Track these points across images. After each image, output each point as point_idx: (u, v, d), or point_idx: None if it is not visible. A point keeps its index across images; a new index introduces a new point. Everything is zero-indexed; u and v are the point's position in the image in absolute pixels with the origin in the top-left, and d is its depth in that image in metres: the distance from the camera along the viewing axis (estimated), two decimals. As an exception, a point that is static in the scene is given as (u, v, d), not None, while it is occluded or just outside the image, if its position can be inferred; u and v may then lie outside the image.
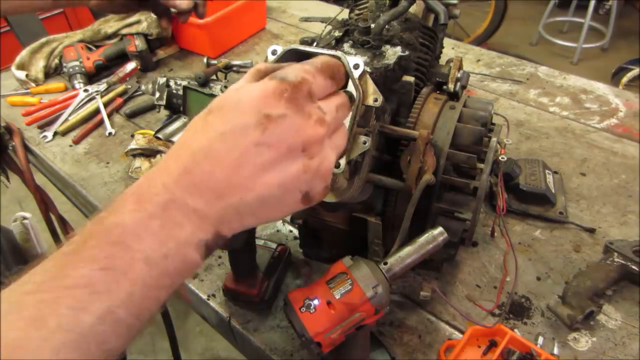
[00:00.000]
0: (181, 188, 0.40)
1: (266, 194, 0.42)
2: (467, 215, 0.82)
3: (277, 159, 0.41)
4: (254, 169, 0.41)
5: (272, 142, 0.41)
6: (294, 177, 0.43)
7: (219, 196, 0.41)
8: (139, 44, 1.71)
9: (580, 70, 3.78)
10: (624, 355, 0.88)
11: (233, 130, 0.41)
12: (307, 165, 0.43)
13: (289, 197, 0.44)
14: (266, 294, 0.96)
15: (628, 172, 1.24)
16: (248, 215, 0.43)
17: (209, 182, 0.40)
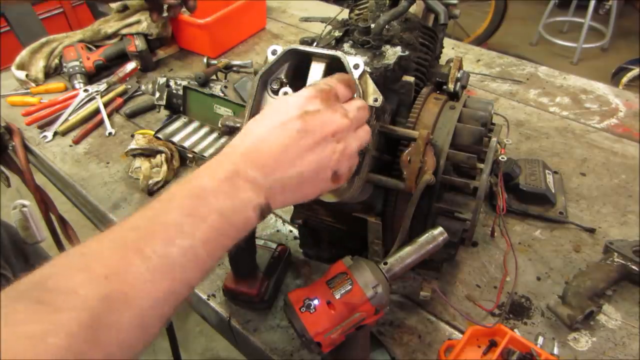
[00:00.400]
0: (244, 163, 0.52)
1: (305, 171, 0.54)
2: (467, 215, 0.82)
3: (314, 143, 0.54)
4: (297, 151, 0.54)
5: (310, 130, 0.54)
6: (327, 157, 0.55)
7: (270, 171, 0.53)
8: (139, 44, 1.71)
9: (580, 70, 3.78)
10: (624, 355, 0.88)
11: (282, 122, 0.55)
12: (335, 148, 0.56)
13: (322, 174, 0.56)
14: (266, 294, 0.96)
15: (628, 172, 1.24)
16: (290, 189, 0.54)
17: (264, 160, 0.53)
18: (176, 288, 0.46)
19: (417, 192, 0.74)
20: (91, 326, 0.39)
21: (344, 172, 0.58)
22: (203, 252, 0.47)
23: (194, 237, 0.47)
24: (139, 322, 0.42)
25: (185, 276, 0.46)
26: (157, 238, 0.46)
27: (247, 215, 0.51)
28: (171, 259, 0.45)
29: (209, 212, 0.49)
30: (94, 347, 0.38)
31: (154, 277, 0.44)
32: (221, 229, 0.49)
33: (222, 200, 0.50)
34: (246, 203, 0.51)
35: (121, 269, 0.43)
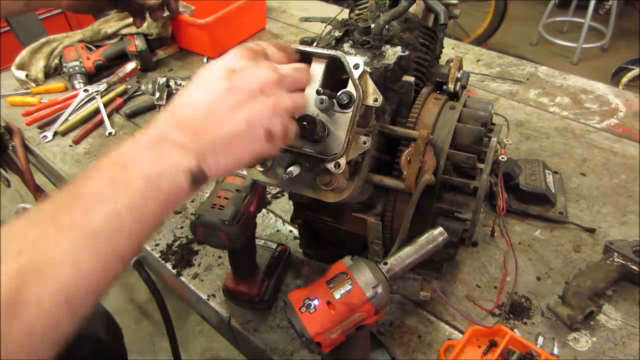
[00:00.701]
0: (169, 128, 0.51)
1: (235, 130, 0.52)
2: (467, 215, 0.82)
3: (242, 100, 0.53)
4: (224, 109, 0.52)
5: (237, 87, 0.53)
6: (256, 114, 0.53)
7: (198, 133, 0.51)
8: (139, 44, 1.71)
9: (580, 70, 3.78)
10: (624, 355, 0.88)
11: (208, 82, 0.54)
12: (265, 103, 0.54)
13: (254, 132, 0.53)
14: (266, 294, 0.96)
15: (628, 172, 1.24)
16: (222, 150, 0.52)
17: (190, 122, 0.51)
18: (103, 258, 0.44)
19: (417, 192, 0.74)
20: (8, 302, 0.37)
21: (278, 131, 0.55)
22: (130, 220, 0.45)
23: (117, 203, 0.45)
24: (64, 296, 0.40)
25: (112, 246, 0.44)
26: (75, 207, 0.44)
27: (177, 180, 0.49)
28: (93, 228, 0.43)
29: (132, 177, 0.46)
30: (13, 321, 0.37)
31: (74, 247, 0.42)
32: (147, 194, 0.47)
33: (147, 166, 0.48)
34: (174, 167, 0.49)
35: (37, 242, 0.41)
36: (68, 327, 0.42)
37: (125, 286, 2.34)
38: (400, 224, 0.78)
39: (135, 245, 0.47)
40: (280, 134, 0.56)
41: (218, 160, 0.52)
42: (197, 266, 1.09)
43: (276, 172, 0.71)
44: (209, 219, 0.81)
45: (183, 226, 1.19)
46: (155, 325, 2.16)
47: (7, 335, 0.37)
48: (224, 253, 1.10)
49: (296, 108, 0.59)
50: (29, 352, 0.39)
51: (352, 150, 0.66)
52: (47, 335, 0.40)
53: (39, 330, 0.39)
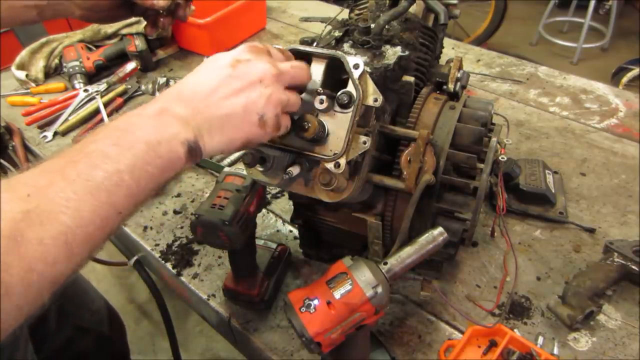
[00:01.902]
0: (172, 102, 0.56)
1: (232, 112, 0.57)
2: (467, 215, 0.82)
3: (241, 87, 0.58)
4: (225, 93, 0.57)
5: (239, 75, 0.58)
6: (253, 101, 0.58)
7: (198, 110, 0.56)
8: (139, 44, 1.71)
9: (580, 70, 3.78)
10: (624, 355, 0.88)
11: (213, 68, 0.59)
12: (262, 92, 0.59)
13: (249, 117, 0.58)
14: (266, 294, 0.96)
15: (628, 172, 1.24)
16: (217, 129, 0.57)
17: (192, 100, 0.56)
18: (102, 211, 0.47)
19: (417, 192, 0.74)
20: (12, 237, 0.40)
21: (270, 118, 0.60)
22: (129, 179, 0.49)
23: (119, 162, 0.49)
24: (64, 240, 0.44)
25: (111, 200, 0.48)
26: (82, 163, 0.47)
27: (175, 149, 0.53)
28: (95, 182, 0.47)
29: (134, 142, 0.50)
30: (14, 256, 0.40)
31: (78, 196, 0.45)
32: (147, 158, 0.50)
33: (149, 133, 0.52)
34: (173, 136, 0.53)
35: (44, 188, 0.45)
36: (65, 271, 0.45)
37: (125, 286, 2.34)
38: (400, 224, 0.78)
39: (132, 205, 0.50)
40: (271, 123, 0.60)
41: (213, 137, 0.57)
42: (197, 266, 1.09)
43: (276, 172, 0.71)
44: (209, 219, 0.81)
45: (183, 226, 1.19)
46: (155, 325, 2.16)
47: (8, 268, 0.40)
48: (224, 253, 1.10)
49: (290, 104, 0.62)
50: (28, 287, 0.41)
51: (352, 150, 0.66)
52: (45, 273, 0.42)
53: (38, 267, 0.42)
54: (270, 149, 0.70)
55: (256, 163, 0.69)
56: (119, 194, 0.48)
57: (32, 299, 0.42)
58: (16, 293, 0.40)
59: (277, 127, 0.62)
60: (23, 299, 0.41)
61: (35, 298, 0.43)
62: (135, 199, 0.50)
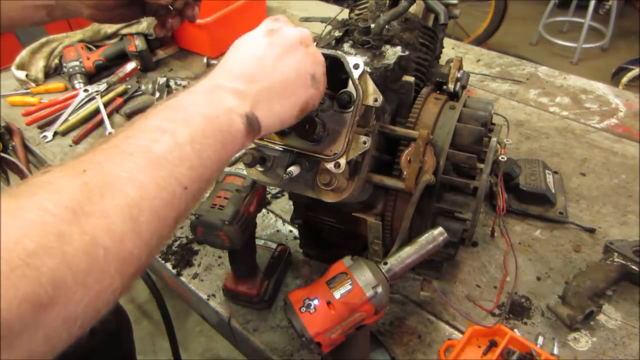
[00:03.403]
0: (222, 78, 0.54)
1: (286, 76, 0.56)
2: (467, 215, 0.82)
3: (285, 51, 0.57)
4: (272, 60, 0.56)
5: (278, 42, 0.57)
6: (301, 60, 0.58)
7: (252, 81, 0.55)
8: (139, 44, 1.71)
9: (580, 70, 3.78)
10: (624, 355, 0.88)
11: (252, 42, 0.59)
12: (306, 51, 0.59)
13: (303, 78, 0.58)
14: (266, 294, 0.96)
15: (628, 172, 1.24)
16: (276, 97, 0.56)
17: (243, 73, 0.55)
18: (167, 184, 0.44)
19: (417, 192, 0.74)
20: (70, 208, 0.37)
21: (320, 76, 0.60)
22: (190, 151, 0.46)
23: (178, 136, 0.46)
24: (128, 213, 0.40)
25: (175, 173, 0.45)
26: (138, 137, 0.45)
27: (233, 121, 0.51)
28: (156, 154, 0.44)
29: (191, 117, 0.49)
30: (74, 228, 0.37)
31: (139, 169, 0.43)
32: (207, 131, 0.49)
33: (204, 108, 0.50)
34: (230, 109, 0.51)
35: (101, 163, 0.42)
36: (136, 251, 0.41)
37: (125, 286, 2.34)
38: (400, 224, 0.78)
39: (197, 181, 0.47)
40: (322, 80, 0.61)
41: (271, 107, 0.56)
42: (197, 266, 1.09)
43: (276, 172, 0.71)
44: (209, 219, 0.81)
45: (183, 226, 1.19)
46: (155, 325, 2.16)
47: (70, 239, 0.36)
48: (224, 253, 1.10)
49: (323, 62, 0.62)
50: (93, 261, 0.37)
51: (352, 150, 0.66)
52: (111, 250, 0.39)
53: (102, 242, 0.38)
54: (270, 149, 0.70)
55: (256, 163, 0.69)
56: (182, 168, 0.45)
57: (100, 279, 0.38)
58: (80, 268, 0.36)
59: (325, 83, 0.62)
60: (89, 276, 0.37)
61: (104, 279, 0.38)
62: (200, 174, 0.47)
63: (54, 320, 0.35)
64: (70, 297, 0.35)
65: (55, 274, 0.34)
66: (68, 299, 0.35)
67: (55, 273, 0.34)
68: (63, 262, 0.35)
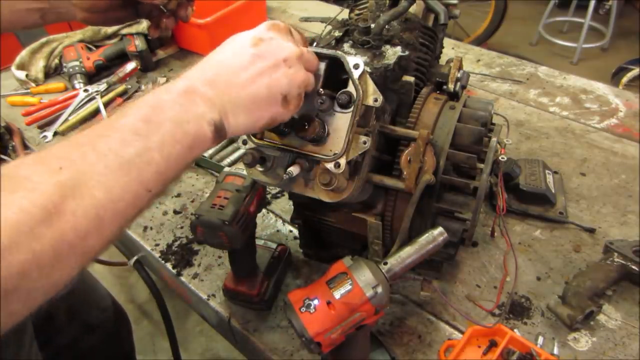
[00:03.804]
0: (199, 82, 0.56)
1: (256, 93, 0.57)
2: (467, 215, 0.82)
3: (267, 67, 0.58)
4: (250, 73, 0.57)
5: (263, 55, 0.58)
6: (278, 80, 0.58)
7: (224, 91, 0.56)
8: (139, 44, 1.71)
9: (580, 70, 3.78)
10: (624, 355, 0.88)
11: (236, 47, 0.59)
12: (286, 72, 0.59)
13: (273, 97, 0.59)
14: (266, 294, 0.96)
15: (628, 172, 1.24)
16: (243, 109, 0.57)
17: (217, 80, 0.56)
18: (132, 188, 0.47)
19: (417, 192, 0.74)
20: (45, 208, 0.41)
21: (293, 97, 0.61)
22: (159, 157, 0.49)
23: (149, 140, 0.49)
24: (94, 214, 0.44)
25: (141, 177, 0.48)
26: (112, 138, 0.48)
27: (202, 128, 0.53)
28: (126, 158, 0.47)
29: (163, 120, 0.51)
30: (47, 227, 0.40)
31: (109, 171, 0.46)
32: (176, 136, 0.51)
33: (177, 112, 0.52)
34: (200, 116, 0.53)
35: (76, 161, 0.45)
36: (95, 245, 0.45)
37: (125, 286, 2.34)
38: (400, 224, 0.78)
39: (161, 183, 0.51)
40: (295, 102, 0.61)
41: (238, 117, 0.57)
42: (197, 266, 1.09)
43: (276, 172, 0.71)
44: (209, 219, 0.81)
45: (183, 226, 1.19)
46: (155, 325, 2.16)
47: (41, 237, 0.40)
48: (224, 253, 1.10)
49: (308, 84, 0.63)
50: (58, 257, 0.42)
51: (352, 150, 0.66)
52: (75, 246, 0.43)
53: (69, 239, 0.42)
54: (270, 149, 0.70)
55: (256, 163, 0.69)
56: (149, 171, 0.49)
57: (61, 270, 0.43)
58: (47, 264, 0.40)
59: (299, 105, 0.62)
60: (53, 269, 0.41)
61: (64, 270, 0.43)
62: (165, 177, 0.51)
63: (15, 303, 0.40)
64: (32, 286, 0.40)
65: (23, 267, 0.39)
66: (31, 288, 0.40)
67: (23, 266, 0.39)
68: (32, 258, 0.39)
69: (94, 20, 0.93)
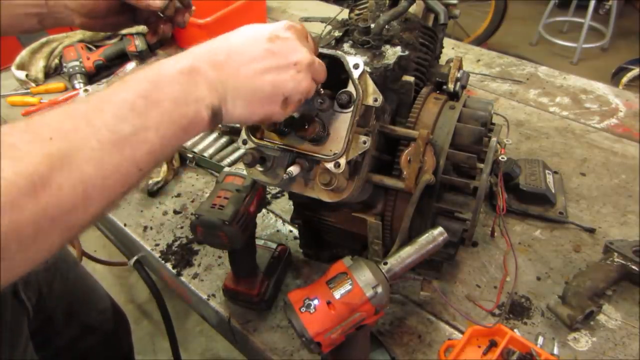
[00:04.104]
0: (204, 63, 0.54)
1: (260, 88, 0.56)
2: (467, 215, 0.82)
3: (277, 65, 0.57)
4: (259, 68, 0.56)
5: (276, 52, 0.57)
6: (283, 82, 0.58)
7: (228, 78, 0.55)
8: (139, 44, 1.71)
9: (580, 70, 3.78)
10: (624, 355, 0.88)
11: (253, 37, 0.58)
12: (294, 76, 0.58)
13: (275, 96, 0.58)
14: (266, 294, 0.96)
15: (628, 172, 1.24)
16: (242, 101, 0.56)
17: (225, 65, 0.55)
18: (123, 165, 0.46)
19: (417, 192, 0.74)
20: (30, 179, 0.39)
21: (293, 101, 0.60)
22: (154, 136, 0.48)
23: (146, 118, 0.48)
24: (82, 189, 0.43)
25: (134, 156, 0.47)
26: (108, 112, 0.46)
27: (200, 111, 0.52)
28: (121, 135, 0.46)
29: (163, 98, 0.50)
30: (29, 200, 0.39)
31: (102, 146, 0.44)
32: (173, 116, 0.50)
33: (177, 91, 0.51)
34: (200, 99, 0.52)
35: (69, 133, 0.43)
36: (80, 221, 0.44)
37: (125, 286, 2.34)
38: (400, 224, 0.78)
39: (152, 162, 0.50)
40: (294, 105, 0.61)
41: (236, 106, 0.56)
42: (197, 266, 1.09)
43: (276, 172, 0.71)
44: (209, 219, 0.81)
45: (183, 226, 1.19)
46: (155, 325, 2.16)
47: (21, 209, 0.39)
48: (224, 253, 1.10)
49: (310, 92, 0.63)
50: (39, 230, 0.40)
51: (352, 150, 0.66)
52: (59, 221, 0.42)
53: (51, 213, 0.41)
54: (270, 149, 0.70)
55: (256, 163, 0.69)
56: (142, 150, 0.47)
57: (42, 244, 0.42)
58: (26, 235, 0.39)
59: (295, 110, 0.62)
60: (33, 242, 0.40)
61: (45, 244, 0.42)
62: (157, 156, 0.50)
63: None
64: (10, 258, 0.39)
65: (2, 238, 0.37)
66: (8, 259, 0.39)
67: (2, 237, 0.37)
68: (12, 230, 0.38)
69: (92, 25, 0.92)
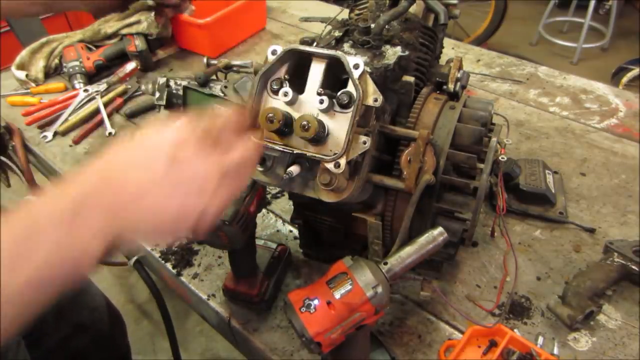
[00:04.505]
0: (94, 200, 0.48)
1: (162, 219, 0.51)
2: (467, 215, 0.82)
3: (178, 192, 0.51)
4: (158, 197, 0.50)
5: (176, 177, 0.51)
6: (192, 204, 0.52)
7: (123, 215, 0.49)
8: (139, 44, 1.71)
9: (580, 70, 3.78)
10: (624, 355, 0.88)
11: (149, 159, 0.51)
12: (205, 194, 0.52)
13: (183, 222, 0.52)
14: (266, 294, 0.96)
15: (628, 172, 1.24)
16: (142, 233, 0.52)
17: (117, 201, 0.49)
18: (15, 315, 0.45)
19: (417, 192, 0.74)
20: None
21: (203, 229, 0.54)
22: (32, 293, 0.46)
23: (14, 274, 0.44)
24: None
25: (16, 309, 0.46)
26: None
27: (90, 250, 0.48)
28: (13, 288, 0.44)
29: (38, 248, 0.46)
30: None
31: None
32: (52, 269, 0.46)
33: (57, 239, 0.46)
34: (91, 236, 0.48)
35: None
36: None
37: (125, 286, 2.34)
38: (400, 224, 0.78)
39: (26, 319, 0.47)
40: (210, 219, 0.54)
41: (134, 238, 0.52)
42: (197, 266, 1.09)
43: (276, 172, 0.71)
44: (209, 219, 0.80)
45: (183, 226, 1.19)
46: (155, 325, 2.16)
47: None
48: (224, 253, 1.10)
49: (237, 194, 0.58)
50: None
51: (352, 150, 0.66)
52: None
53: None
54: (270, 149, 0.70)
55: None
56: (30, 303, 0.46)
57: None
58: None
59: (217, 216, 0.55)
60: None
61: None
62: (34, 310, 0.48)
63: None
64: None
65: None
66: None
67: None
68: None
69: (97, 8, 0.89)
